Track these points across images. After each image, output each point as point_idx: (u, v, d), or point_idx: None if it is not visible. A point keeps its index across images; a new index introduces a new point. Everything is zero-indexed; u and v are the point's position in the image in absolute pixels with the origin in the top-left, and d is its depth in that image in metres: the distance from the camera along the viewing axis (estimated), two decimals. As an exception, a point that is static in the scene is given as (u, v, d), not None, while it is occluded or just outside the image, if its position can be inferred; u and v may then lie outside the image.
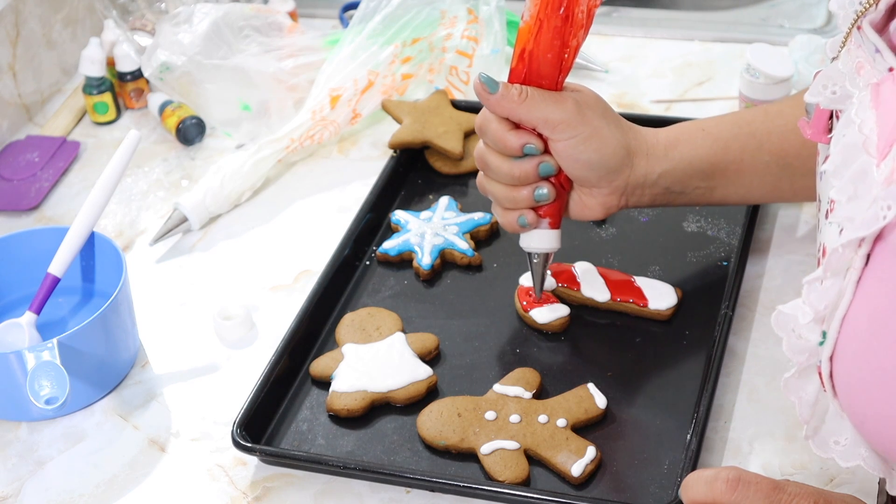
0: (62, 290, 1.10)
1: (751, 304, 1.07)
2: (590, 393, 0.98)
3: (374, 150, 1.31)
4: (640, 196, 1.02)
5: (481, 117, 0.99)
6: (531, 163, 0.98)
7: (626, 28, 1.47)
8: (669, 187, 1.02)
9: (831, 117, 0.80)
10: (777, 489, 0.75)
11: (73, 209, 1.25)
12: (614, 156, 0.99)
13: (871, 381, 0.71)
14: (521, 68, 0.96)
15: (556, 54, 0.95)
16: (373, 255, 1.16)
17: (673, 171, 1.01)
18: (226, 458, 0.99)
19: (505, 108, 0.96)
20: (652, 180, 1.01)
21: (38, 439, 1.02)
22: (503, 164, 0.98)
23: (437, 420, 0.97)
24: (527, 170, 0.98)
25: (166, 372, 1.08)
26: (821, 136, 0.80)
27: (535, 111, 0.95)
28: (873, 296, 0.70)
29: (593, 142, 0.97)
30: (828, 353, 0.74)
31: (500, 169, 0.98)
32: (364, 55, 1.30)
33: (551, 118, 0.96)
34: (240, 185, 1.24)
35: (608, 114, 0.99)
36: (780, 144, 1.02)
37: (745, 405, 0.99)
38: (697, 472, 0.78)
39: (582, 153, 0.97)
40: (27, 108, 1.40)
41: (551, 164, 0.98)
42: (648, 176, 1.01)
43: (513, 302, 1.09)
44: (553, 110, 0.96)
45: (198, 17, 1.32)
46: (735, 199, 1.06)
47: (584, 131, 0.97)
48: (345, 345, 1.04)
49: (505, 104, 0.96)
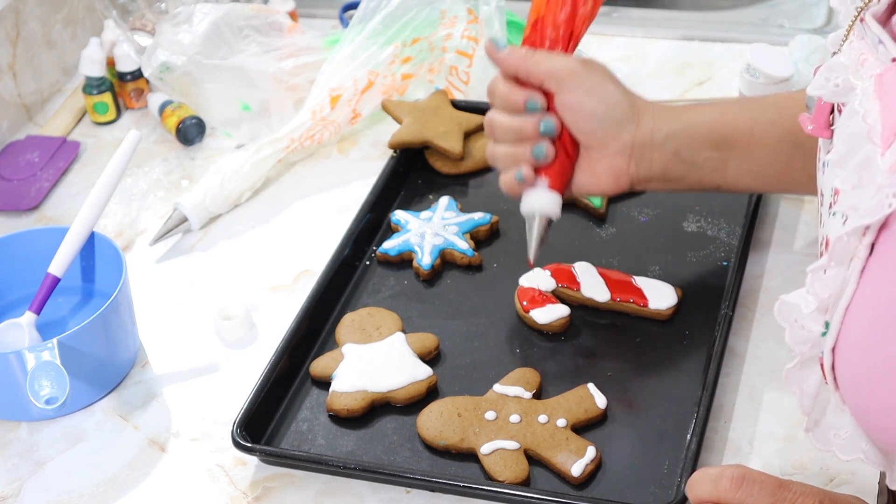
0: (62, 290, 1.10)
1: (751, 304, 1.07)
2: (590, 393, 0.98)
3: (374, 150, 1.31)
4: (649, 160, 1.02)
5: (491, 82, 1.02)
6: (533, 118, 1.00)
7: (626, 28, 1.47)
8: (679, 152, 1.02)
9: (832, 112, 0.80)
10: (782, 487, 0.75)
11: (73, 209, 1.25)
12: (618, 106, 1.00)
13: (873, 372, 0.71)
14: (533, 36, 1.00)
15: (567, 21, 0.99)
16: (373, 255, 1.16)
17: (680, 132, 1.01)
18: (226, 458, 0.99)
19: (512, 63, 1.00)
20: (659, 140, 1.01)
21: (38, 439, 1.02)
22: (507, 120, 1.01)
23: (437, 420, 0.97)
24: (528, 124, 1.00)
25: (166, 372, 1.08)
26: (822, 131, 0.80)
27: (542, 65, 0.99)
28: (877, 285, 0.70)
29: (598, 92, 0.99)
30: (830, 343, 0.74)
31: (504, 126, 1.01)
32: (364, 55, 1.30)
33: (557, 70, 0.99)
34: (240, 185, 1.24)
35: (613, 77, 1.02)
36: (791, 122, 1.00)
37: (745, 405, 0.99)
38: (703, 469, 0.78)
39: (586, 103, 0.99)
40: (27, 108, 1.40)
41: (552, 123, 0.99)
42: (655, 134, 1.01)
43: (513, 302, 1.09)
44: (559, 64, 0.99)
45: (198, 17, 1.32)
46: (749, 179, 1.04)
47: (589, 82, 0.99)
48: (345, 345, 1.04)
49: (512, 60, 1.00)
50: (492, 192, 1.22)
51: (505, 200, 1.20)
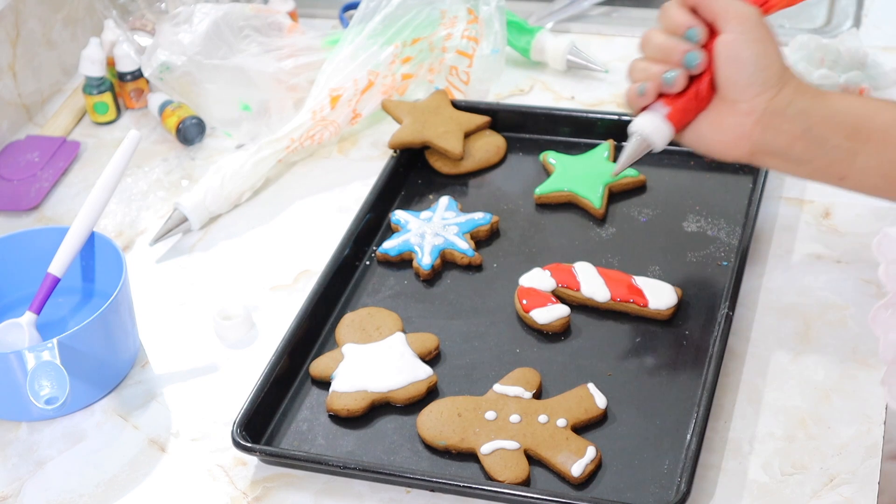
0: (62, 290, 1.10)
1: (751, 304, 1.07)
2: (590, 393, 0.98)
3: (374, 150, 1.31)
4: (776, 130, 0.99)
5: (664, 5, 1.02)
6: (683, 45, 0.99)
7: (626, 28, 1.47)
8: (810, 129, 0.99)
9: None
10: None
11: (73, 209, 1.25)
12: (770, 68, 0.99)
13: None
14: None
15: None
16: (373, 255, 1.16)
17: (816, 111, 0.99)
18: (226, 458, 0.99)
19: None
20: (793, 113, 0.99)
21: (38, 439, 1.02)
22: (662, 38, 1.00)
23: (437, 420, 0.97)
24: (677, 49, 0.99)
25: (166, 372, 1.08)
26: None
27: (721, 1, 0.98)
28: None
29: (760, 45, 0.98)
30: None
31: (656, 42, 1.00)
32: (364, 55, 1.30)
33: (733, 9, 0.98)
34: (240, 185, 1.24)
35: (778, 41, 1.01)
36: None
37: (745, 405, 0.99)
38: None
39: (743, 50, 0.98)
40: (27, 108, 1.40)
41: (699, 57, 0.99)
42: (791, 107, 0.99)
43: (513, 302, 1.09)
44: (738, 5, 0.98)
45: (198, 17, 1.32)
46: (876, 178, 1.00)
47: (757, 33, 0.98)
48: (345, 345, 1.04)
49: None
50: (492, 192, 1.22)
51: (505, 200, 1.21)
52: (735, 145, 1.00)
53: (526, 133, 1.28)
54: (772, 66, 0.98)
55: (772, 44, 0.99)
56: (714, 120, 1.00)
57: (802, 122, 0.99)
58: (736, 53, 0.98)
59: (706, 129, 1.01)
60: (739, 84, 0.98)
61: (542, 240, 1.16)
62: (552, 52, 1.39)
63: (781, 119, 0.99)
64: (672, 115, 0.99)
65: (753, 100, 0.98)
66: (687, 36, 0.99)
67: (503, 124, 1.29)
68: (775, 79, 0.99)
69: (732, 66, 0.98)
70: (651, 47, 1.01)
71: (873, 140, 0.98)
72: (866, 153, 0.98)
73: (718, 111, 1.00)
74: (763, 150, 1.00)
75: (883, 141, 0.98)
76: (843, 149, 0.99)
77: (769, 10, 1.02)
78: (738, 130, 0.99)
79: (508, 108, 1.30)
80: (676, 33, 0.99)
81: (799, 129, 0.99)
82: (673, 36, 0.99)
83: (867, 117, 0.99)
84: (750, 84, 0.98)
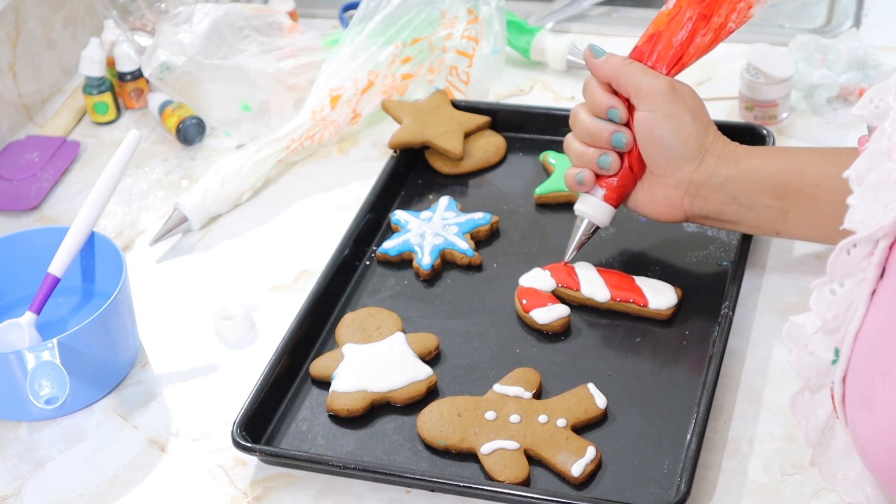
0: (62, 290, 1.10)
1: (751, 304, 1.07)
2: (590, 393, 0.98)
3: (374, 150, 1.31)
4: (704, 199, 1.02)
5: (586, 79, 1.04)
6: (608, 127, 1.02)
7: (626, 28, 1.47)
8: (736, 196, 1.02)
9: None
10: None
11: (73, 209, 1.25)
12: (686, 143, 1.01)
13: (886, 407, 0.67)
14: (644, 48, 1.03)
15: (682, 45, 1.02)
16: (373, 255, 1.16)
17: (740, 177, 1.01)
18: (226, 458, 0.99)
19: (606, 71, 1.02)
20: (717, 182, 1.01)
21: (38, 439, 1.02)
22: (587, 120, 1.03)
23: (437, 420, 0.97)
24: (603, 131, 1.02)
25: (166, 372, 1.08)
26: None
27: (632, 77, 1.01)
28: (891, 308, 0.68)
29: (672, 121, 1.00)
30: (841, 373, 0.71)
31: (583, 124, 1.03)
32: (364, 55, 1.30)
33: (644, 87, 1.00)
34: (240, 185, 1.24)
35: (698, 111, 1.02)
36: None
37: (745, 405, 0.99)
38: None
39: (658, 128, 1.00)
40: (27, 108, 1.40)
41: (625, 137, 1.01)
42: (714, 177, 1.01)
43: (513, 302, 1.09)
44: (649, 81, 1.00)
45: (198, 17, 1.32)
46: (810, 230, 1.02)
47: (668, 109, 1.00)
48: (345, 345, 1.04)
49: (607, 67, 1.02)
50: (492, 192, 1.22)
51: (505, 200, 1.21)
52: (668, 213, 1.04)
53: (526, 133, 1.28)
54: (689, 140, 1.01)
55: (687, 116, 1.01)
56: (647, 191, 1.04)
57: (728, 190, 1.02)
58: (650, 132, 1.01)
59: (642, 199, 1.05)
60: (660, 161, 1.02)
61: (542, 240, 1.16)
62: (552, 52, 1.39)
63: (707, 189, 1.02)
64: (609, 196, 1.04)
65: (676, 174, 1.02)
66: (609, 116, 1.02)
67: (503, 124, 1.29)
68: (694, 151, 1.01)
69: (650, 144, 1.01)
70: (580, 129, 1.04)
71: (803, 196, 1.01)
72: (797, 210, 1.01)
73: (650, 183, 1.04)
74: (696, 215, 1.04)
75: (812, 196, 1.00)
76: (773, 208, 1.02)
77: (683, 66, 1.04)
78: (669, 201, 1.03)
79: (508, 108, 1.30)
80: (599, 114, 1.02)
81: (726, 196, 1.02)
82: (597, 118, 1.02)
83: (794, 174, 1.01)
84: (669, 160, 1.01)
